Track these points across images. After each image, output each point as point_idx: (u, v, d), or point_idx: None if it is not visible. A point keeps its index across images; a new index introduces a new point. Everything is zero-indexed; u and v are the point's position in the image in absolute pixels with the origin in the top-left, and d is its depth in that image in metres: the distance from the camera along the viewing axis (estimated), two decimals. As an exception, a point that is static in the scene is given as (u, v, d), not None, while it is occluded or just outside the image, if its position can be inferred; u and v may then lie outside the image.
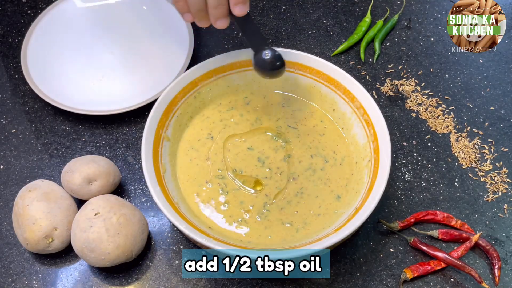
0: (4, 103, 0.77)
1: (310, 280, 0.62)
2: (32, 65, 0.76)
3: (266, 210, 0.61)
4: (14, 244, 0.65)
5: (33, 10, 0.87)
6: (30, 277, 0.62)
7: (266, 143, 0.66)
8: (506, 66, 0.81)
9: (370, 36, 0.82)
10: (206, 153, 0.65)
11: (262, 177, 0.63)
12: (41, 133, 0.74)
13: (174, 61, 0.77)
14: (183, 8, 0.59)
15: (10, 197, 0.68)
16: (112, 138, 0.73)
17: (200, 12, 0.58)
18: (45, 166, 0.71)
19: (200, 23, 0.60)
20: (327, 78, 0.66)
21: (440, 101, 0.77)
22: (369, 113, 0.62)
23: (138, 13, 0.85)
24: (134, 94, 0.75)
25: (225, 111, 0.69)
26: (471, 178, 0.70)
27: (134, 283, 0.62)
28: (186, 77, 0.65)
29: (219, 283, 0.62)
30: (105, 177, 0.64)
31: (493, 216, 0.67)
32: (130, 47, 0.81)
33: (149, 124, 0.61)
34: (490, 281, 0.62)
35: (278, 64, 0.61)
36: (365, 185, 0.60)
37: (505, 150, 0.72)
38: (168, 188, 0.59)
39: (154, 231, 0.65)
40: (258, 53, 0.61)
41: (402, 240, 0.64)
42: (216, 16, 0.57)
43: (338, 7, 0.88)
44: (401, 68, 0.80)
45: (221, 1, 0.56)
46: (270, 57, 0.61)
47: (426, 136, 0.73)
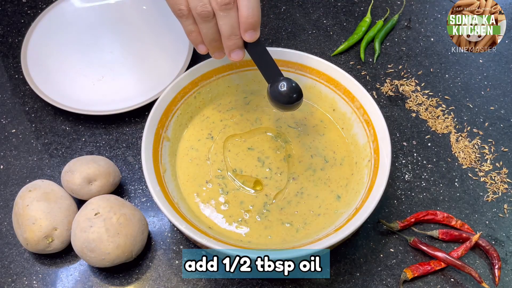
0: (4, 103, 0.77)
1: (310, 280, 0.62)
2: (32, 65, 0.76)
3: (266, 210, 0.61)
4: (14, 244, 0.65)
5: (33, 10, 0.87)
6: (30, 277, 0.62)
7: (266, 143, 0.66)
8: (506, 66, 0.81)
9: (370, 36, 0.82)
10: (206, 153, 0.65)
11: (262, 177, 0.63)
12: (41, 133, 0.74)
13: (174, 61, 0.77)
14: (197, 40, 0.57)
15: (10, 197, 0.68)
16: (112, 138, 0.73)
17: (214, 42, 0.57)
18: (45, 166, 0.71)
19: (214, 55, 0.59)
20: (327, 78, 0.66)
21: (440, 101, 0.77)
22: (369, 113, 0.62)
23: (138, 13, 0.85)
24: (134, 94, 0.75)
25: (225, 111, 0.69)
26: (471, 178, 0.70)
27: (134, 283, 0.62)
28: (186, 77, 0.65)
29: (219, 283, 0.62)
30: (105, 177, 0.64)
31: (493, 216, 0.67)
32: (130, 47, 0.81)
33: (149, 124, 0.61)
34: (490, 281, 0.62)
35: (295, 97, 0.58)
36: (365, 185, 0.60)
37: (505, 150, 0.72)
38: (168, 188, 0.59)
39: (154, 231, 0.65)
40: (274, 85, 0.58)
41: (402, 240, 0.64)
42: (230, 47, 0.56)
43: (338, 7, 0.88)
44: (401, 68, 0.80)
45: (234, 31, 0.55)
46: (286, 89, 0.57)
47: (426, 136, 0.73)
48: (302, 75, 0.68)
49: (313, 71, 0.67)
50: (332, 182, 0.63)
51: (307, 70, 0.67)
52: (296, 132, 0.67)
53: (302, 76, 0.68)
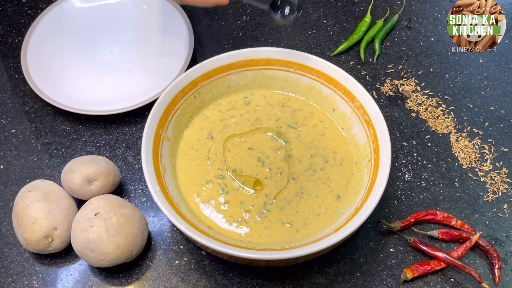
0: (4, 103, 0.77)
1: (310, 280, 0.62)
2: (32, 65, 0.76)
3: (266, 210, 0.61)
4: (14, 244, 0.65)
5: (33, 10, 0.87)
6: (30, 277, 0.62)
7: (266, 143, 0.66)
8: (506, 66, 0.81)
9: (370, 36, 0.82)
10: (206, 153, 0.65)
11: (262, 177, 0.63)
12: (41, 133, 0.74)
13: (174, 61, 0.77)
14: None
15: (10, 197, 0.68)
16: (112, 138, 0.73)
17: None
18: (45, 166, 0.71)
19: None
20: (327, 78, 0.66)
21: (440, 101, 0.77)
22: (369, 113, 0.62)
23: (138, 13, 0.85)
24: (134, 94, 0.75)
25: (225, 111, 0.69)
26: (471, 178, 0.70)
27: (134, 283, 0.62)
28: (186, 77, 0.65)
29: (219, 283, 0.62)
30: (105, 177, 0.64)
31: (493, 216, 0.67)
32: (130, 47, 0.81)
33: (149, 124, 0.61)
34: (490, 281, 0.62)
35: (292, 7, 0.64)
36: (365, 185, 0.60)
37: (505, 150, 0.72)
38: (168, 188, 0.59)
39: (154, 231, 0.65)
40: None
41: (402, 240, 0.64)
42: None
43: (338, 7, 0.88)
44: (401, 68, 0.80)
45: None
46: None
47: (426, 136, 0.73)
48: (302, 75, 0.68)
49: (313, 71, 0.67)
50: (332, 182, 0.63)
51: (307, 70, 0.67)
52: (296, 132, 0.67)
53: (302, 76, 0.68)
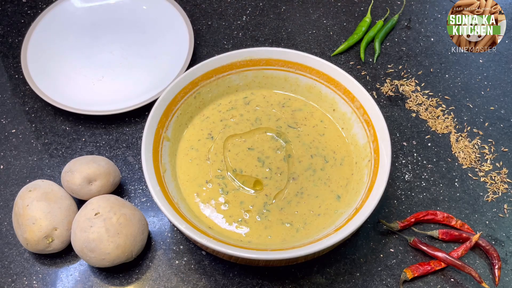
0: (4, 103, 0.77)
1: (310, 280, 0.62)
2: (32, 65, 0.76)
3: (266, 210, 0.61)
4: (14, 244, 0.65)
5: (33, 10, 0.87)
6: (30, 277, 0.62)
7: (266, 143, 0.66)
8: (506, 66, 0.81)
9: (370, 36, 0.82)
10: (206, 153, 0.65)
11: (262, 177, 0.63)
12: (41, 133, 0.74)
13: (174, 61, 0.77)
14: None
15: (10, 197, 0.68)
16: (112, 138, 0.73)
17: None
18: (45, 166, 0.71)
19: None
20: (327, 78, 0.66)
21: (440, 101, 0.77)
22: (369, 113, 0.62)
23: (138, 13, 0.85)
24: (134, 94, 0.75)
25: (225, 111, 0.69)
26: (471, 178, 0.70)
27: (134, 283, 0.62)
28: (186, 77, 0.65)
29: (219, 283, 0.62)
30: (105, 177, 0.64)
31: (493, 216, 0.67)
32: (130, 47, 0.81)
33: (149, 124, 0.61)
34: (490, 281, 0.62)
35: None
36: (365, 185, 0.59)
37: (505, 150, 0.72)
38: (168, 188, 0.59)
39: (154, 231, 0.65)
40: None
41: (402, 240, 0.64)
42: None
43: (338, 7, 0.88)
44: (401, 68, 0.80)
45: None
46: None
47: (426, 136, 0.73)
48: (302, 75, 0.68)
49: (313, 71, 0.67)
50: (332, 182, 0.63)
51: (307, 70, 0.67)
52: (296, 132, 0.67)
53: (302, 76, 0.68)
